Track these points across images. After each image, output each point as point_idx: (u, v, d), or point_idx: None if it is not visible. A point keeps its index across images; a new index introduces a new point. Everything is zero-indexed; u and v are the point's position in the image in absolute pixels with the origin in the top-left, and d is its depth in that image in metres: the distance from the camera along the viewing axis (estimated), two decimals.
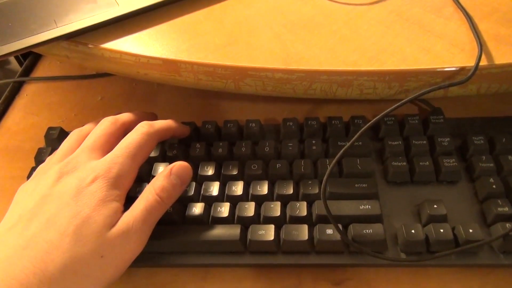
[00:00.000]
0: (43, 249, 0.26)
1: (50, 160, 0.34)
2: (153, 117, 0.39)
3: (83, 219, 0.28)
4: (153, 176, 0.34)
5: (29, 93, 0.50)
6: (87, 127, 0.36)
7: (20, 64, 0.56)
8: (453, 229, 0.31)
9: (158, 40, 0.36)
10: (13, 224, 0.28)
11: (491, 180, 0.33)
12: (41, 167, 0.34)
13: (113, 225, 0.28)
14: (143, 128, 0.33)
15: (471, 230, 0.30)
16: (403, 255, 0.31)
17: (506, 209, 0.31)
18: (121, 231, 0.28)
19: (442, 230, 0.31)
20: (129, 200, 0.31)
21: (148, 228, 0.30)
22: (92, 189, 0.29)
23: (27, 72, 0.53)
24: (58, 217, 0.28)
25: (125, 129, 0.34)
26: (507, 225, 0.30)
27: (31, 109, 0.48)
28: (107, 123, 0.34)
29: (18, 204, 0.31)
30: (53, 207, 0.28)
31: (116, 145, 0.32)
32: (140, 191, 0.31)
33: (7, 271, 0.25)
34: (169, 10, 0.39)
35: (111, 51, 0.35)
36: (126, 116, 0.36)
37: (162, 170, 0.32)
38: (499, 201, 0.32)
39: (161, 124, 0.35)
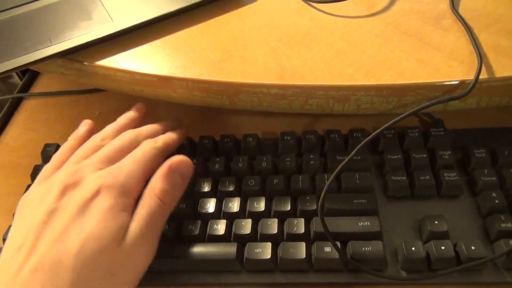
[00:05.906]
0: (52, 271, 0.25)
1: (51, 168, 0.33)
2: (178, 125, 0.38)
3: (89, 235, 0.26)
4: None
5: (28, 108, 0.50)
6: (82, 129, 0.35)
7: (22, 79, 0.56)
8: (454, 246, 0.30)
9: (152, 56, 0.36)
10: (21, 243, 0.27)
11: (494, 194, 0.32)
12: (45, 169, 0.33)
13: (121, 238, 0.27)
14: (151, 143, 0.32)
15: (473, 247, 0.30)
16: (403, 273, 0.31)
17: (510, 224, 0.31)
18: (129, 245, 0.27)
19: (443, 247, 0.30)
20: None
21: (156, 236, 0.29)
22: (98, 200, 0.28)
23: (26, 88, 0.53)
24: (64, 235, 0.26)
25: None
26: (511, 241, 0.30)
27: (29, 125, 0.48)
28: (127, 139, 0.33)
29: (24, 218, 0.29)
30: (59, 224, 0.27)
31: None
32: None
33: None
34: (164, 25, 0.38)
35: (105, 68, 0.35)
36: (146, 129, 0.34)
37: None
38: (502, 216, 0.31)
39: (165, 139, 0.34)
